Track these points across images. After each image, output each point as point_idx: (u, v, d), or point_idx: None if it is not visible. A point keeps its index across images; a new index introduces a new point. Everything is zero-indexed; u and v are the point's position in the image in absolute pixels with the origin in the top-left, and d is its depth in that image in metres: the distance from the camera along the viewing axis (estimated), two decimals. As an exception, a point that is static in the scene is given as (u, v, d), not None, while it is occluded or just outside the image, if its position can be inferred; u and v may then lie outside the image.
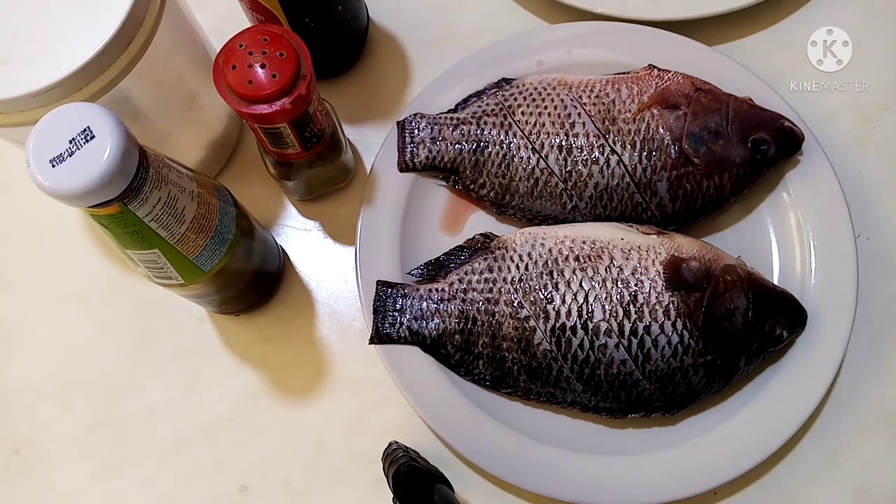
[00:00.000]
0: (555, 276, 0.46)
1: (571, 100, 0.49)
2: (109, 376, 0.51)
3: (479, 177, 0.51)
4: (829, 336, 0.47)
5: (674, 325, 0.44)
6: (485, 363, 0.47)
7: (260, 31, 0.40)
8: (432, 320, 0.47)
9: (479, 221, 0.52)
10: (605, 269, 0.45)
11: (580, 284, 0.45)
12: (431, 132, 0.51)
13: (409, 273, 0.49)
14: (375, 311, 0.48)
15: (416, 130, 0.51)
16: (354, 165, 0.54)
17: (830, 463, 0.48)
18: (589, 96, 0.49)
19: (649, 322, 0.44)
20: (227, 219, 0.41)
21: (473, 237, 0.49)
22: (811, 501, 0.47)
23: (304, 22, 0.48)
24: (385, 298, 0.48)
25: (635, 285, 0.45)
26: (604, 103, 0.49)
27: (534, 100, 0.50)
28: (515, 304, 0.46)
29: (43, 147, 0.31)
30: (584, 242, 0.46)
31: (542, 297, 0.45)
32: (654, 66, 0.51)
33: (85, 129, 0.31)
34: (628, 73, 0.51)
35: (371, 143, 0.55)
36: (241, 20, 0.50)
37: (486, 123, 0.50)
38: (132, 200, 0.33)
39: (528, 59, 0.54)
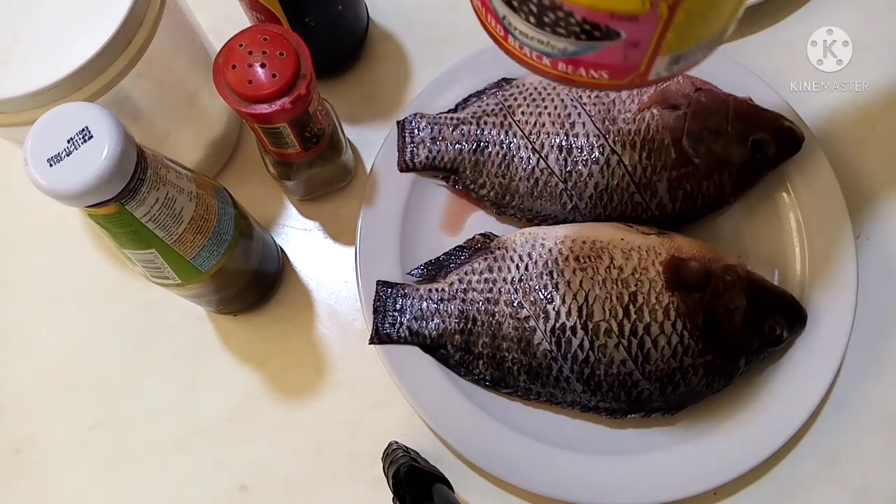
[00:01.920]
0: (555, 276, 0.46)
1: (571, 100, 0.49)
2: (109, 376, 0.51)
3: (479, 177, 0.51)
4: (829, 336, 0.47)
5: (674, 325, 0.44)
6: (485, 363, 0.47)
7: (260, 31, 0.40)
8: (432, 320, 0.47)
9: (479, 221, 0.52)
10: (605, 270, 0.45)
11: (580, 284, 0.45)
12: (431, 132, 0.51)
13: (409, 273, 0.49)
14: (375, 311, 0.48)
15: (416, 130, 0.51)
16: (354, 165, 0.54)
17: (830, 463, 0.48)
18: (589, 96, 0.49)
19: (649, 322, 0.44)
20: (226, 220, 0.41)
21: (473, 237, 0.49)
22: (811, 501, 0.47)
23: (304, 22, 0.48)
24: (385, 298, 0.48)
25: (635, 285, 0.44)
26: (604, 103, 0.49)
27: (534, 100, 0.50)
28: (515, 304, 0.46)
29: (41, 146, 0.31)
30: (584, 242, 0.46)
31: (542, 297, 0.45)
32: (654, 66, 0.51)
33: (83, 129, 0.31)
34: (628, 72, 0.51)
35: (371, 143, 0.55)
36: (241, 20, 0.50)
37: (486, 123, 0.50)
38: (129, 201, 0.33)
39: (528, 59, 0.54)
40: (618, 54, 0.23)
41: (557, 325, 0.45)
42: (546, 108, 0.50)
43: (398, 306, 0.48)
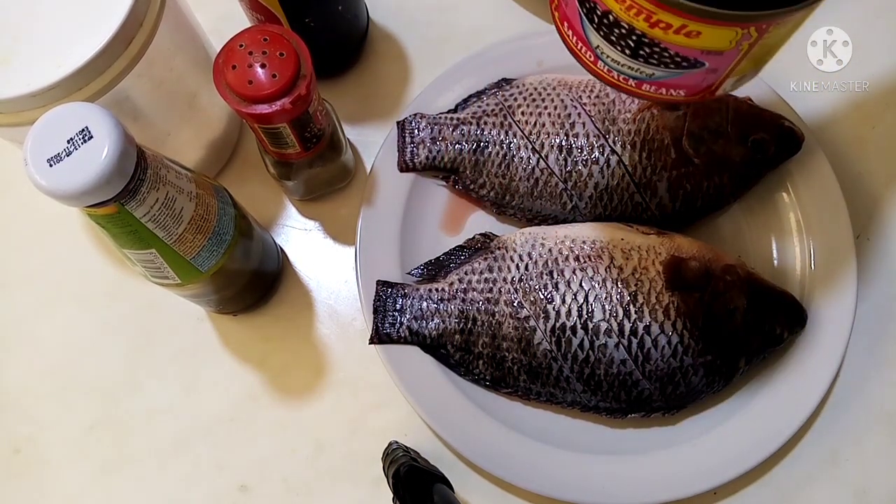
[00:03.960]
0: (555, 276, 0.46)
1: (571, 100, 0.49)
2: (109, 376, 0.51)
3: (479, 177, 0.51)
4: (829, 336, 0.47)
5: (674, 324, 0.44)
6: (485, 363, 0.47)
7: (260, 31, 0.40)
8: (432, 320, 0.47)
9: (479, 221, 0.52)
10: (605, 269, 0.45)
11: (580, 284, 0.45)
12: (431, 132, 0.51)
13: (409, 273, 0.49)
14: (375, 311, 0.48)
15: (416, 130, 0.51)
16: (354, 165, 0.54)
17: (830, 463, 0.48)
18: (589, 96, 0.49)
19: (649, 322, 0.44)
20: (226, 219, 0.41)
21: (473, 237, 0.49)
22: (811, 501, 0.47)
23: (304, 22, 0.48)
24: (385, 298, 0.48)
25: (635, 285, 0.45)
26: (604, 103, 0.49)
27: (534, 100, 0.50)
28: (515, 304, 0.46)
29: (41, 146, 0.31)
30: (584, 242, 0.46)
31: (542, 297, 0.45)
32: (654, 66, 0.51)
33: (83, 129, 0.31)
34: (628, 72, 0.51)
35: (371, 143, 0.55)
36: (241, 20, 0.50)
37: (486, 123, 0.50)
38: (129, 201, 0.33)
39: (528, 59, 0.54)
40: (697, 78, 0.28)
41: (557, 324, 0.45)
42: (546, 108, 0.50)
43: (398, 306, 0.48)
